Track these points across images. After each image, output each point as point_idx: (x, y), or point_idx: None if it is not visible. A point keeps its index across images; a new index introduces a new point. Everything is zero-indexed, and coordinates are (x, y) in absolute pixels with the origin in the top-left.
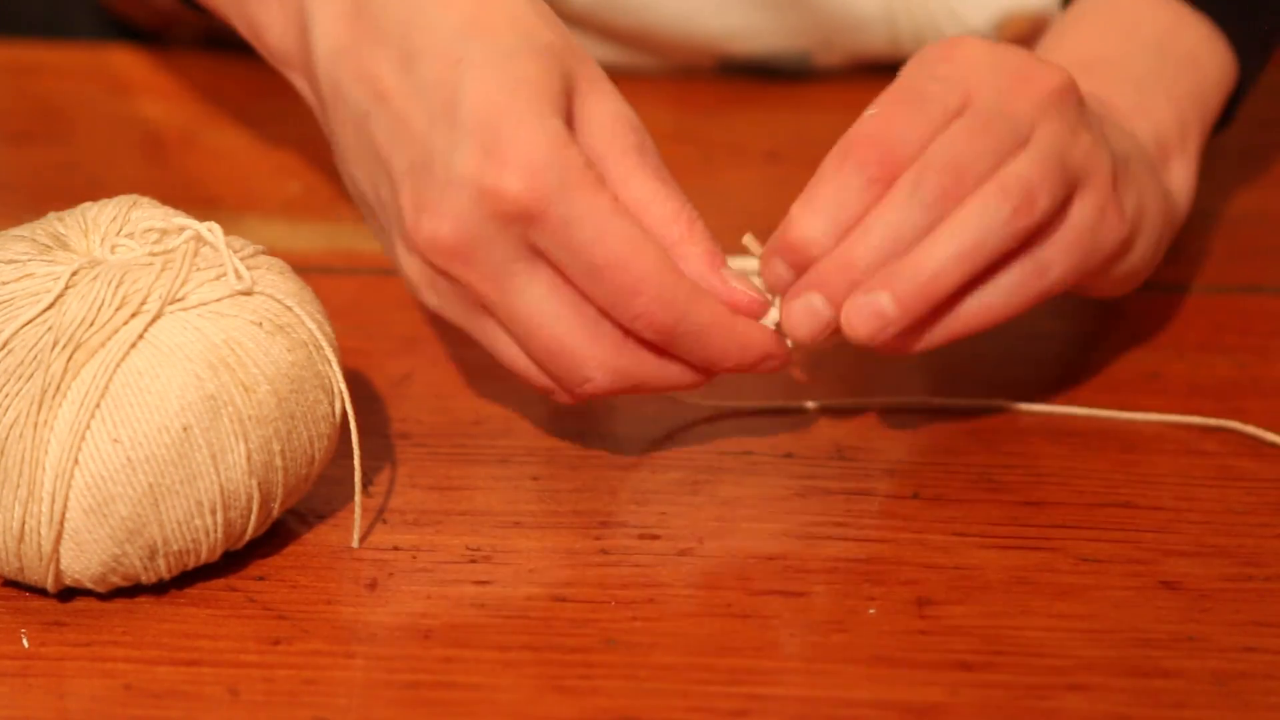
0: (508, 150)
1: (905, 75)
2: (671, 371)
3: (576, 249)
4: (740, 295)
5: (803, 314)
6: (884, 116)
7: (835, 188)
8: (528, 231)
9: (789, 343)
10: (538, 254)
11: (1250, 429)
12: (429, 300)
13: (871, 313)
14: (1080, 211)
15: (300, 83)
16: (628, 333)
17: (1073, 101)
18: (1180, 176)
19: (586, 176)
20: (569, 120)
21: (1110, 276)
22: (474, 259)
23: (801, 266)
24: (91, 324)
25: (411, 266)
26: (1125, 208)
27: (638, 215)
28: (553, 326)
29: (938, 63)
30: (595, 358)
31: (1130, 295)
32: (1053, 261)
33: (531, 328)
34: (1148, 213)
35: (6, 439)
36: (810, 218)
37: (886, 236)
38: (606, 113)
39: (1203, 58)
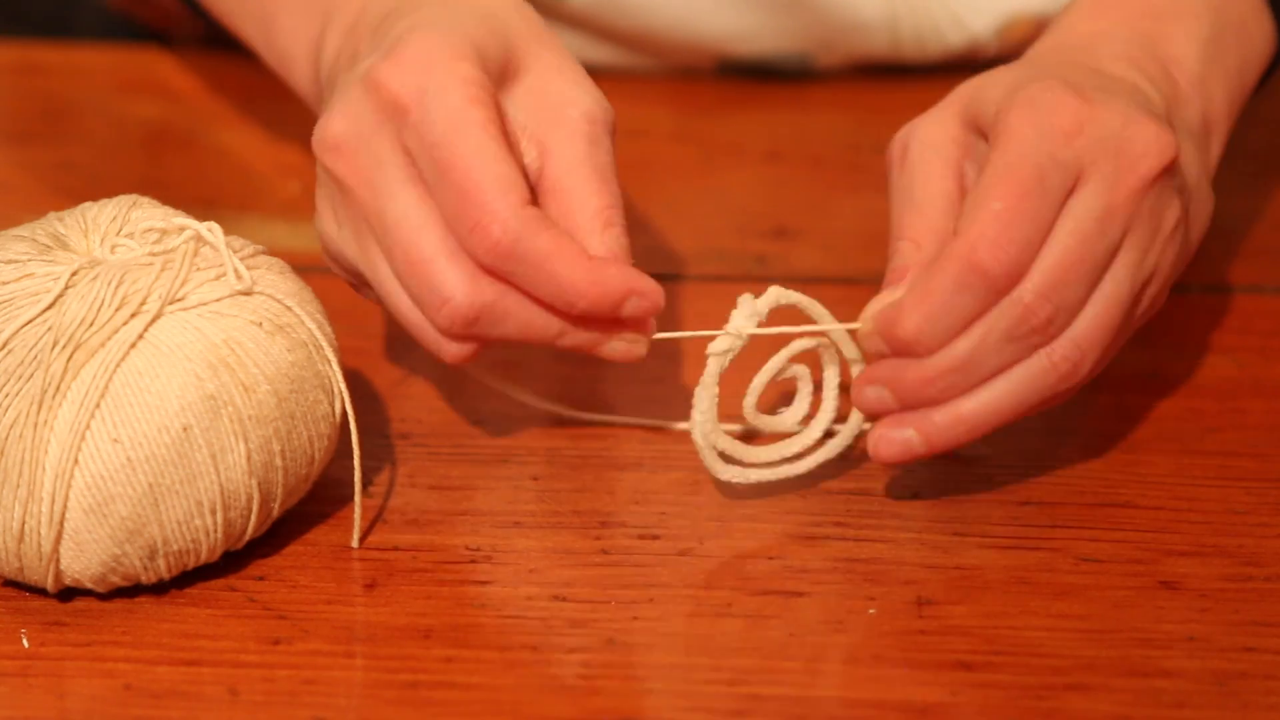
0: (403, 51)
1: (1026, 144)
2: (532, 312)
3: (429, 146)
4: (615, 271)
5: (899, 444)
6: (1009, 217)
7: (950, 295)
8: (402, 130)
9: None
10: (411, 161)
11: None
12: (329, 232)
13: (901, 445)
14: (1138, 308)
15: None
16: None
17: (1169, 175)
18: (1216, 152)
19: (467, 88)
20: (502, 83)
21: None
22: (355, 155)
23: (900, 353)
24: (91, 324)
25: (320, 198)
26: (1180, 263)
27: (562, 200)
28: (416, 236)
29: (1064, 140)
30: (454, 277)
31: None
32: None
33: (398, 237)
34: (1199, 233)
35: (6, 439)
36: (921, 322)
37: (969, 362)
38: (560, 95)
39: (1251, 27)
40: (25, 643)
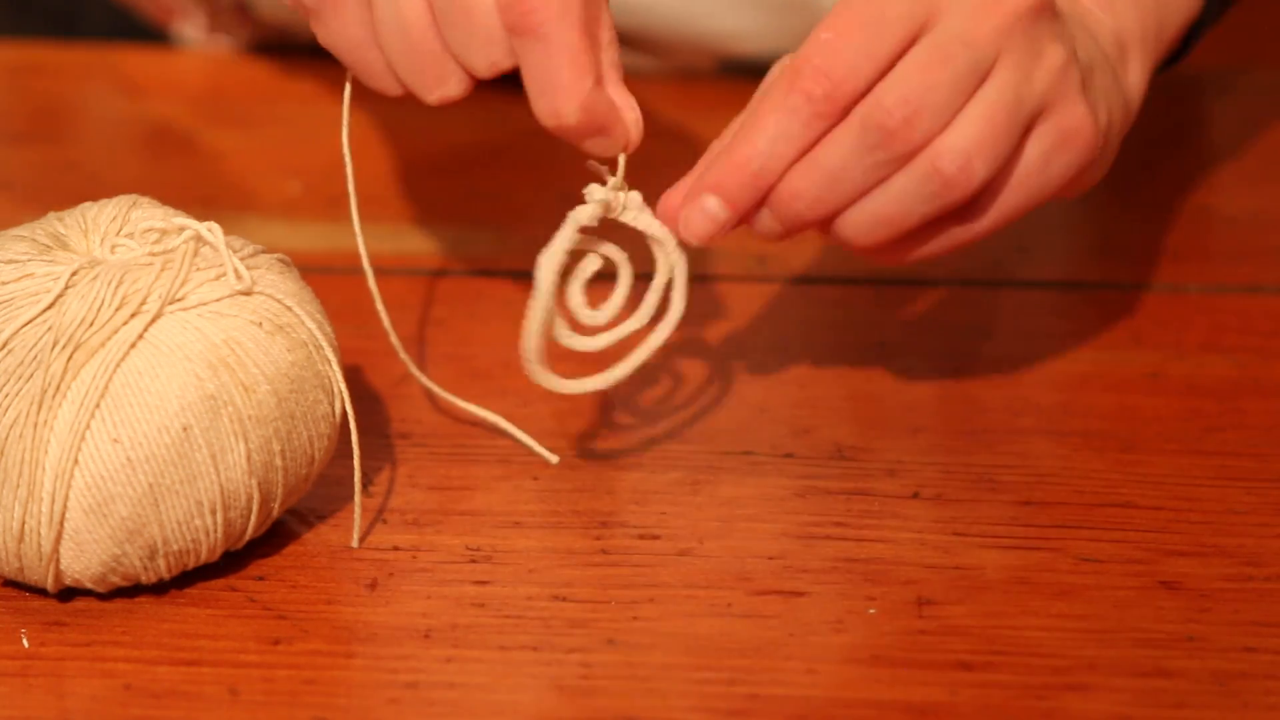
0: None
1: None
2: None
3: None
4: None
5: (761, 227)
6: (837, 43)
7: (775, 121)
8: None
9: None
10: None
11: None
12: None
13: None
14: (1035, 146)
15: None
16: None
17: (1046, 18)
18: (1135, 76)
19: None
20: None
21: (1075, 186)
22: None
23: (733, 192)
24: (91, 324)
25: None
26: (1099, 119)
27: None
28: None
29: None
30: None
31: (1130, 295)
32: (988, 205)
33: None
34: (1114, 121)
35: (6, 439)
36: (754, 143)
37: (825, 179)
38: None
39: None
40: (25, 643)
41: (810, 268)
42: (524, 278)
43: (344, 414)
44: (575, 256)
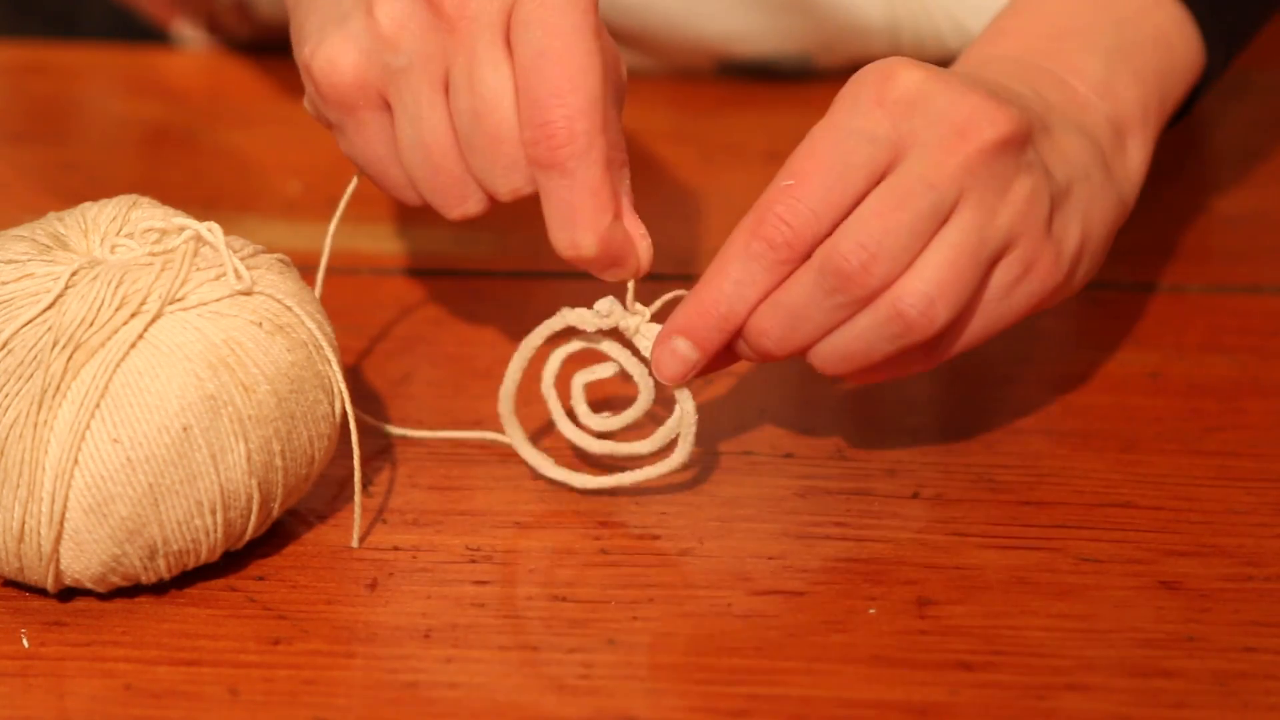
0: None
1: (834, 116)
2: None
3: (537, 23)
4: (627, 232)
5: (669, 356)
6: (800, 189)
7: (738, 266)
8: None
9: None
10: (506, 34)
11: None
12: (364, 47)
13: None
14: (999, 277)
15: None
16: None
17: (1012, 150)
18: (1135, 158)
19: None
20: None
21: (1041, 308)
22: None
23: (701, 334)
24: (91, 324)
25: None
26: (1064, 248)
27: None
28: (498, 102)
29: (872, 106)
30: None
31: (1130, 295)
32: (952, 337)
33: (483, 93)
34: (1093, 233)
35: (6, 439)
36: (719, 287)
37: (788, 318)
38: (617, 57)
39: (1173, 39)
40: (25, 643)
41: None
42: (524, 278)
43: (344, 414)
44: (588, 360)
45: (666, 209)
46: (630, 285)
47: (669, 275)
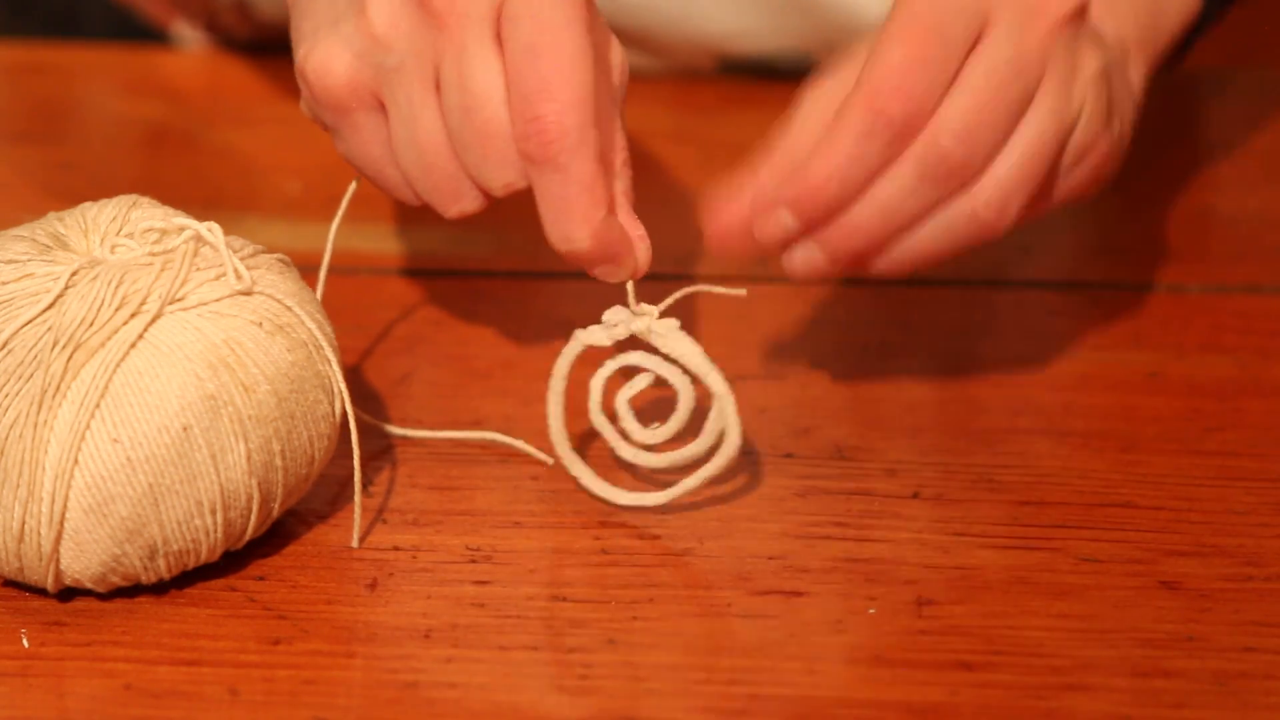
0: None
1: None
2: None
3: (527, 18)
4: (625, 231)
5: (804, 263)
6: (909, 65)
7: (855, 143)
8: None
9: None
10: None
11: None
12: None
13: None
14: (1064, 159)
15: None
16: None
17: (1082, 22)
18: (1136, 78)
19: None
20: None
21: (1088, 193)
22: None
23: (812, 214)
24: (91, 324)
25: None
26: (1115, 130)
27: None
28: (488, 99)
29: None
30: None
31: (1130, 295)
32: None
33: (473, 90)
34: (1126, 123)
35: (6, 439)
36: (828, 172)
37: (888, 208)
38: (600, 35)
39: None
40: (25, 643)
41: None
42: (523, 278)
43: (344, 414)
44: (627, 373)
45: (666, 209)
46: (630, 287)
47: (669, 275)
